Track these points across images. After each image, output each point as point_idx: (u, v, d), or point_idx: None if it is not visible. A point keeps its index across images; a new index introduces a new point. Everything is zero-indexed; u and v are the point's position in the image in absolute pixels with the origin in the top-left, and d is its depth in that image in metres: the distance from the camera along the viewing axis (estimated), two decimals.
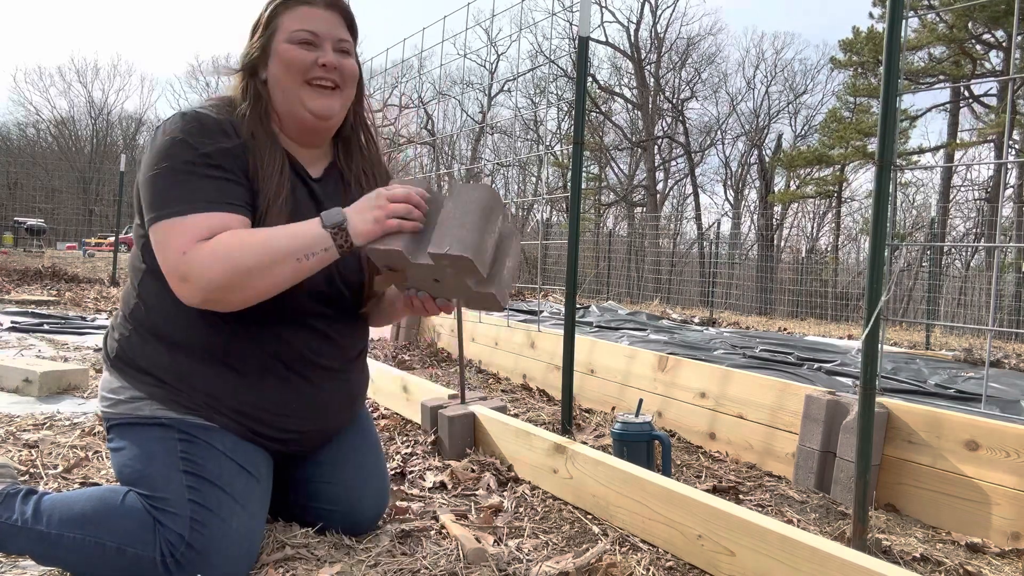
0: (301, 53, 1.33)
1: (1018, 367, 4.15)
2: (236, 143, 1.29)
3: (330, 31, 1.36)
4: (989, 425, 1.83)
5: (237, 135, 1.30)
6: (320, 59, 1.33)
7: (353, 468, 1.52)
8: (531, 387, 3.48)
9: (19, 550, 1.29)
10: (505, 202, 9.16)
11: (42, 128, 33.11)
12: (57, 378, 2.84)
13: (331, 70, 1.34)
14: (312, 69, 1.33)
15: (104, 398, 1.39)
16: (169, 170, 1.23)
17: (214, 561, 1.20)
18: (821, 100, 26.99)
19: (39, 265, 10.00)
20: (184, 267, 1.19)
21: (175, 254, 1.20)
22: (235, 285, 1.19)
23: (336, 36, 1.37)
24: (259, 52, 1.36)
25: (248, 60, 1.37)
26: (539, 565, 1.41)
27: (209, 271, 1.18)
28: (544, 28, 27.12)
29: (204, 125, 1.27)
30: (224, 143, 1.27)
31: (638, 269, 16.59)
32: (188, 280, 1.20)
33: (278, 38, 1.34)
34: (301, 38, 1.33)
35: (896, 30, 1.56)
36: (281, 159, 1.34)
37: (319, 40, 1.34)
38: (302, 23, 1.34)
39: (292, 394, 1.37)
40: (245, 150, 1.30)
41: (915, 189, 23.46)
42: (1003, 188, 16.42)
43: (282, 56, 1.33)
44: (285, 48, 1.33)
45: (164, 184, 1.23)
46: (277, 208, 1.30)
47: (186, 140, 1.24)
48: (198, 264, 1.19)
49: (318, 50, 1.34)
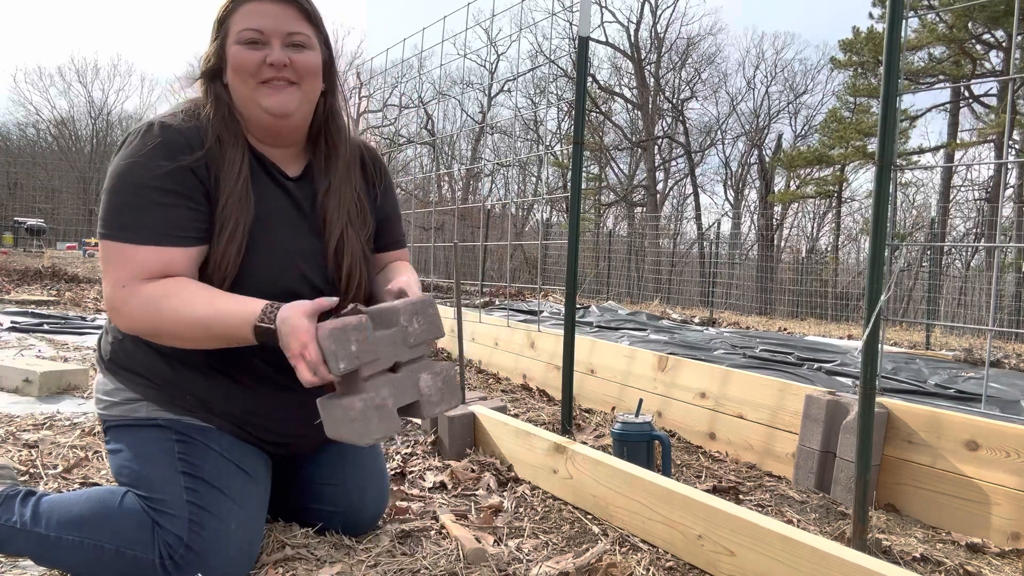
0: (248, 55, 1.27)
1: (1018, 367, 4.15)
2: (198, 156, 1.25)
3: (278, 26, 1.28)
4: (989, 425, 1.83)
5: (202, 145, 1.26)
6: (268, 58, 1.27)
7: (353, 468, 1.52)
8: (531, 387, 3.48)
9: (18, 552, 1.29)
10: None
11: (42, 128, 33.11)
12: (57, 378, 2.84)
13: (281, 68, 1.27)
14: (262, 70, 1.27)
15: (99, 400, 1.38)
16: (122, 189, 1.22)
17: (213, 562, 1.19)
18: (821, 100, 26.99)
19: (39, 265, 10.00)
20: (118, 301, 1.21)
21: (113, 282, 1.22)
22: (157, 336, 1.23)
23: (285, 30, 1.29)
24: (215, 56, 1.32)
25: (207, 66, 1.33)
26: (539, 565, 1.41)
27: (136, 317, 1.21)
28: (544, 28, 27.12)
29: (166, 142, 1.23)
30: (184, 159, 1.24)
31: (638, 269, 16.59)
32: (119, 313, 1.22)
33: (229, 40, 1.30)
34: (247, 38, 1.27)
35: (896, 30, 1.56)
36: (241, 158, 1.29)
37: (265, 37, 1.28)
38: (247, 21, 1.27)
39: (286, 401, 1.36)
40: (208, 159, 1.26)
41: (915, 189, 23.46)
42: (1003, 188, 16.42)
43: (232, 60, 1.29)
44: (234, 51, 1.28)
45: (116, 203, 1.22)
46: (228, 209, 1.26)
47: (142, 162, 1.22)
48: (129, 306, 1.21)
49: (266, 47, 1.28)
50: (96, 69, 44.72)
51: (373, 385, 1.16)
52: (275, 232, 1.33)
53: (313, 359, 1.10)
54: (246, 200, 1.29)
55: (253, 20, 1.27)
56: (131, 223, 1.21)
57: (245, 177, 1.29)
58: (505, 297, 8.51)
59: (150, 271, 1.21)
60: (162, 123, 1.25)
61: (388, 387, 1.19)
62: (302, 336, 1.10)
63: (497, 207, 16.47)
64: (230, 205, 1.27)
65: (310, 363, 1.10)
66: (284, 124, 1.33)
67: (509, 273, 10.95)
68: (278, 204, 1.36)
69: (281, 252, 1.33)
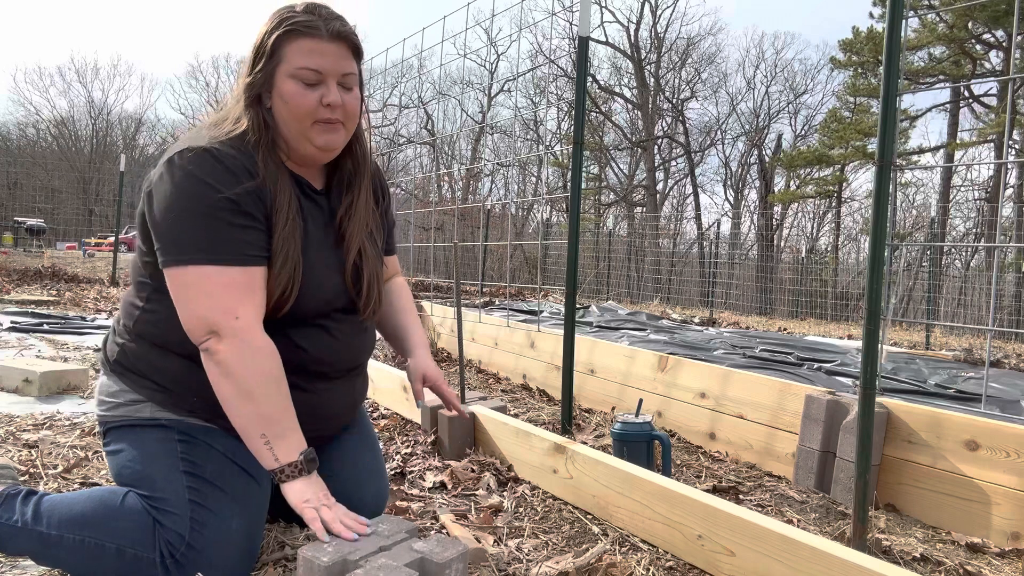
0: (306, 96, 1.29)
1: (1018, 367, 4.15)
2: (258, 182, 1.27)
3: (336, 66, 1.30)
4: (989, 425, 1.83)
5: (257, 171, 1.28)
6: (325, 99, 1.29)
7: (352, 466, 1.52)
8: (531, 387, 3.48)
9: (19, 551, 1.29)
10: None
11: (42, 128, 33.12)
12: (57, 378, 2.84)
13: (335, 109, 1.31)
14: (318, 111, 1.30)
15: (102, 402, 1.38)
16: (195, 212, 1.22)
17: (214, 561, 1.20)
18: (821, 100, 27.06)
19: (39, 265, 10.01)
20: (228, 331, 1.20)
21: (227, 312, 1.21)
22: (216, 384, 1.24)
23: (341, 71, 1.31)
24: (263, 81, 1.31)
25: (251, 91, 1.32)
26: (539, 565, 1.41)
27: (235, 363, 1.21)
28: (544, 28, 27.14)
29: (227, 166, 1.25)
30: (248, 184, 1.26)
31: (638, 269, 16.59)
32: (220, 342, 1.21)
33: (282, 70, 1.29)
34: (306, 77, 1.28)
35: (896, 30, 1.56)
36: (290, 190, 1.33)
37: (324, 78, 1.30)
38: (308, 59, 1.28)
39: (296, 402, 1.35)
40: (264, 186, 1.29)
41: (915, 189, 23.49)
42: (1003, 188, 16.41)
43: (287, 95, 1.29)
44: (290, 88, 1.29)
45: (189, 227, 1.22)
46: (285, 234, 1.29)
47: (209, 182, 1.22)
48: (240, 351, 1.21)
49: (322, 87, 1.30)
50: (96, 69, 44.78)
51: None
52: (317, 246, 1.38)
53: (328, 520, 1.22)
54: (297, 225, 1.32)
55: (313, 60, 1.28)
56: (212, 246, 1.22)
57: (295, 202, 1.33)
58: (505, 297, 8.51)
59: (255, 296, 1.24)
60: (218, 150, 1.26)
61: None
62: (315, 509, 1.24)
63: (497, 207, 16.47)
64: (286, 230, 1.29)
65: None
66: (327, 156, 1.40)
67: (509, 273, 10.96)
68: (314, 218, 1.40)
69: (321, 268, 1.37)
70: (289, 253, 1.29)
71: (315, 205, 1.41)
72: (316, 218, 1.40)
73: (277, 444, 1.23)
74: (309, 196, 1.41)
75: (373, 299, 1.46)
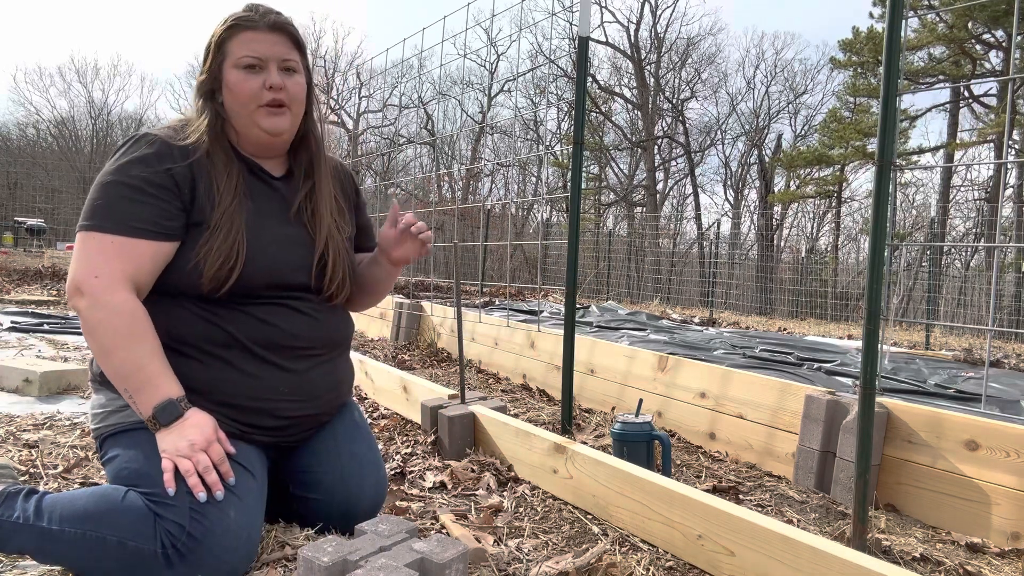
0: (249, 81, 1.41)
1: (1018, 367, 4.15)
2: (181, 164, 1.38)
3: (273, 51, 1.43)
4: (989, 425, 1.83)
5: (187, 155, 1.39)
6: (267, 81, 1.41)
7: (348, 457, 1.54)
8: (531, 387, 3.48)
9: (20, 548, 1.29)
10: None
11: (42, 128, 33.08)
12: (57, 378, 2.84)
13: (278, 90, 1.42)
14: (261, 94, 1.42)
15: (94, 416, 1.42)
16: (100, 189, 1.33)
17: (215, 550, 1.21)
18: (821, 100, 26.99)
19: (39, 265, 10.01)
20: (87, 289, 1.28)
21: (89, 272, 1.29)
22: (90, 333, 1.30)
23: (280, 56, 1.44)
24: (211, 78, 1.45)
25: (204, 87, 1.46)
26: (539, 565, 1.41)
27: (91, 319, 1.28)
28: (544, 28, 27.13)
29: (156, 150, 1.36)
30: (166, 166, 1.36)
31: (638, 269, 16.59)
32: (80, 298, 1.29)
33: (227, 64, 1.43)
34: (247, 63, 1.41)
35: (896, 30, 1.57)
36: (238, 172, 1.44)
37: (263, 63, 1.42)
38: (247, 48, 1.41)
39: (280, 379, 1.42)
40: (195, 167, 1.39)
41: (915, 189, 23.45)
42: (1003, 188, 16.41)
43: (231, 83, 1.42)
44: (234, 76, 1.42)
45: (92, 200, 1.33)
46: (230, 210, 1.38)
47: (123, 161, 1.35)
48: (94, 306, 1.28)
49: (264, 72, 1.42)
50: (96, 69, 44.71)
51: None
52: (268, 224, 1.45)
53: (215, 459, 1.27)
54: (243, 203, 1.42)
55: (252, 47, 1.42)
56: (103, 215, 1.32)
57: (238, 176, 1.44)
58: (505, 297, 8.52)
59: (124, 263, 1.30)
60: (149, 134, 1.40)
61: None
62: (198, 446, 1.27)
63: (497, 207, 16.48)
64: (231, 207, 1.39)
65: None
66: (276, 141, 1.49)
67: (509, 273, 10.95)
68: (267, 200, 1.49)
69: (274, 241, 1.45)
70: (232, 227, 1.37)
71: (268, 187, 1.50)
72: (268, 198, 1.49)
73: (138, 398, 1.29)
74: (262, 179, 1.49)
75: (337, 280, 1.52)
